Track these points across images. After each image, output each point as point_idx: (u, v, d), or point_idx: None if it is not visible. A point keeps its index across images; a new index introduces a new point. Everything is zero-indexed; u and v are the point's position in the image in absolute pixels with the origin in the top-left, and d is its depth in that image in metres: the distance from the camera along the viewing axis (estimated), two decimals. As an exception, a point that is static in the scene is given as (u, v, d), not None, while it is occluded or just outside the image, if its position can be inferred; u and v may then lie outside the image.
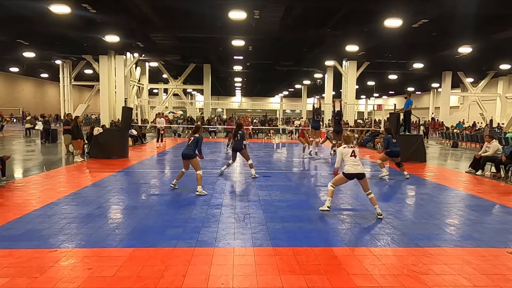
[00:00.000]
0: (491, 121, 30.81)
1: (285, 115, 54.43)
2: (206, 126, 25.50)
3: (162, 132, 17.92)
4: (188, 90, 48.20)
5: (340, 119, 13.24)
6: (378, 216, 5.71)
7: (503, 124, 30.45)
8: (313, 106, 13.90)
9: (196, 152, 7.30)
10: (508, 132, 20.85)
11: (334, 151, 10.94)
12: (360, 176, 5.85)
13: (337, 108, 13.38)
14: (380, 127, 21.75)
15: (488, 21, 16.51)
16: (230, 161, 9.21)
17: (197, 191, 7.12)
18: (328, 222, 5.44)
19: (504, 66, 27.50)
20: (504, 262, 4.10)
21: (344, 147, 6.08)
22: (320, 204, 6.60)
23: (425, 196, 7.44)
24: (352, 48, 20.93)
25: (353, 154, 5.95)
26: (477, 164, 10.25)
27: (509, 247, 4.55)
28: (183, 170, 7.54)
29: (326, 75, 30.54)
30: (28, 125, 22.53)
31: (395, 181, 9.25)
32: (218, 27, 18.53)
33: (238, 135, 9.03)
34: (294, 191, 7.76)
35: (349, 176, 5.90)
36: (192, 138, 7.43)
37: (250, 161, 9.05)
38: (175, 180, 7.69)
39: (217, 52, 25.91)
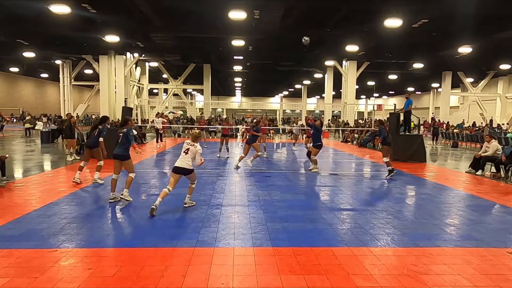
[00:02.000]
0: (491, 121, 30.81)
1: (285, 115, 54.48)
2: (206, 126, 25.47)
3: (161, 132, 17.91)
4: (188, 90, 48.21)
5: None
6: (185, 206, 6.14)
7: (503, 124, 30.40)
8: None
9: (134, 144, 6.62)
10: (509, 132, 20.84)
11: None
12: (183, 172, 6.02)
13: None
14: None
15: (488, 21, 16.52)
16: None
17: (122, 194, 6.37)
18: (328, 222, 5.44)
19: (504, 66, 27.52)
20: (504, 262, 4.10)
21: (187, 142, 6.11)
22: (321, 204, 6.61)
23: (425, 196, 7.44)
24: (352, 48, 20.93)
25: (186, 151, 6.00)
26: (477, 164, 10.24)
27: (509, 247, 4.54)
28: (114, 176, 6.58)
29: (326, 75, 30.54)
30: (27, 125, 22.53)
31: (395, 181, 9.25)
32: (218, 27, 18.54)
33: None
34: (294, 191, 7.75)
35: (174, 169, 6.04)
36: (121, 134, 6.55)
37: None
38: (111, 193, 6.53)
39: (217, 52, 25.93)
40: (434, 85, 41.54)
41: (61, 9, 14.55)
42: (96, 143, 8.27)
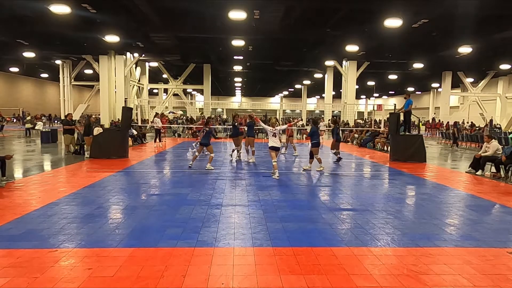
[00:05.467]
0: (491, 121, 30.79)
1: (285, 115, 54.45)
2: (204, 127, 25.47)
3: (162, 131, 17.92)
4: (188, 90, 48.20)
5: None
6: (274, 177, 8.86)
7: (499, 124, 30.40)
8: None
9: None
10: (510, 133, 20.83)
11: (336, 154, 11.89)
12: (276, 149, 9.09)
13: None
14: (380, 127, 21.74)
15: (488, 21, 16.53)
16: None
17: (207, 167, 9.94)
18: (328, 222, 5.44)
19: (504, 66, 27.51)
20: (504, 262, 4.10)
21: (270, 129, 9.02)
22: (321, 204, 6.61)
23: (425, 196, 7.44)
24: (352, 48, 20.92)
25: (274, 135, 8.97)
26: (477, 164, 10.23)
27: (509, 247, 4.54)
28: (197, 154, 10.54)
29: (326, 75, 30.54)
30: (28, 125, 22.53)
31: (395, 181, 9.25)
32: (218, 27, 18.54)
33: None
34: (294, 191, 7.75)
35: (272, 148, 9.02)
36: (205, 131, 10.25)
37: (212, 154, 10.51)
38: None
39: (217, 52, 25.93)
40: (434, 85, 41.55)
41: (61, 9, 14.55)
42: (208, 141, 10.44)
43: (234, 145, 12.58)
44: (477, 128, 26.33)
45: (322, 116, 32.57)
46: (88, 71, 33.00)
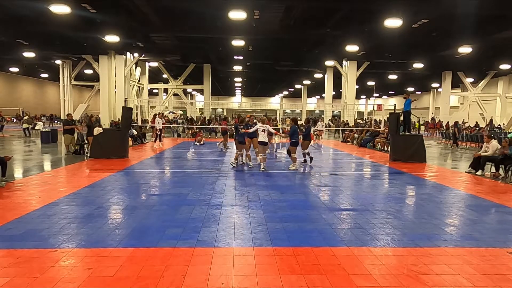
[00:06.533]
0: (491, 121, 30.80)
1: (285, 115, 54.44)
2: (206, 126, 25.50)
3: (160, 132, 17.89)
4: (188, 90, 48.22)
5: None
6: (262, 170, 9.65)
7: (500, 125, 30.39)
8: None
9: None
10: (509, 133, 20.82)
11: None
12: (264, 143, 10.01)
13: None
14: (380, 127, 21.73)
15: (488, 21, 16.53)
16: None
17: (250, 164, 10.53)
18: (328, 222, 5.44)
19: (504, 66, 27.52)
20: (504, 262, 4.10)
21: (260, 126, 10.06)
22: (321, 204, 6.61)
23: (425, 196, 7.44)
24: (352, 48, 20.93)
25: (263, 131, 9.93)
26: (477, 164, 10.23)
27: (509, 247, 4.54)
28: (238, 152, 10.68)
29: (326, 75, 30.55)
30: (25, 125, 22.50)
31: (395, 181, 9.25)
32: (218, 27, 18.55)
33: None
34: (294, 191, 7.75)
35: (260, 143, 9.99)
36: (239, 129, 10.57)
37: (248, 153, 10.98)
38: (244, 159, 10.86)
39: (217, 52, 25.94)
40: (434, 85, 41.55)
41: (61, 9, 14.55)
42: (243, 139, 10.62)
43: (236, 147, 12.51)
44: (477, 128, 26.32)
45: (322, 116, 32.58)
46: (88, 71, 33.01)
